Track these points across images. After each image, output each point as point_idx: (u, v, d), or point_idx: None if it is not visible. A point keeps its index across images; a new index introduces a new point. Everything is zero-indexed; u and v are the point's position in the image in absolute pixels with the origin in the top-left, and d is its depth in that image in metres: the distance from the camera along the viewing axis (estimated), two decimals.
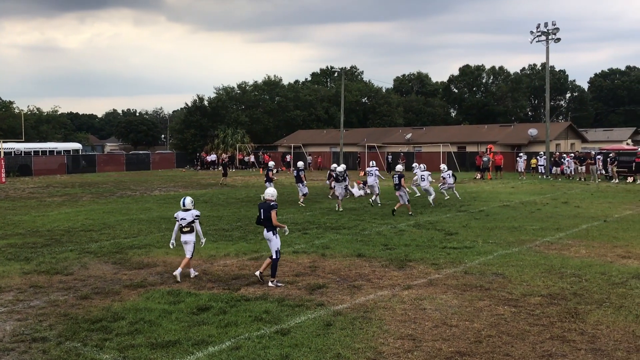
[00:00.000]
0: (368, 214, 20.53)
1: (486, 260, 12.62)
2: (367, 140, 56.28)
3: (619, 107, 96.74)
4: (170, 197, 27.94)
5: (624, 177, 35.59)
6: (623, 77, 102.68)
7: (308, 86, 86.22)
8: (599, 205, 22.67)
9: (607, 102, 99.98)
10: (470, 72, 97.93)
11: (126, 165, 56.82)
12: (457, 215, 20.09)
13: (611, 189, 30.16)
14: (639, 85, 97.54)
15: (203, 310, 9.16)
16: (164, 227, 18.16)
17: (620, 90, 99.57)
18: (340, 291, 10.30)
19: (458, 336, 7.97)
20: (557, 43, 41.35)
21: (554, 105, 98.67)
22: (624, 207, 21.99)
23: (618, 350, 7.38)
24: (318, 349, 7.49)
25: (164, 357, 7.29)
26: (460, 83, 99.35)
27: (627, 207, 21.97)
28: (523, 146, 50.05)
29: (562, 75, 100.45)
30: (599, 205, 22.67)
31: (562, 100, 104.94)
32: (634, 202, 23.62)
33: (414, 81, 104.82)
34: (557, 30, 40.77)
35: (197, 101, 67.46)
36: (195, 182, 38.62)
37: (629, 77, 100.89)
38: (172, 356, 7.30)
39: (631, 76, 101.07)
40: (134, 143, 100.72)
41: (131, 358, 7.27)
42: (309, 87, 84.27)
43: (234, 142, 60.99)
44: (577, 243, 14.67)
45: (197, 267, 12.36)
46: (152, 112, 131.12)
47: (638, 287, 10.34)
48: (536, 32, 41.40)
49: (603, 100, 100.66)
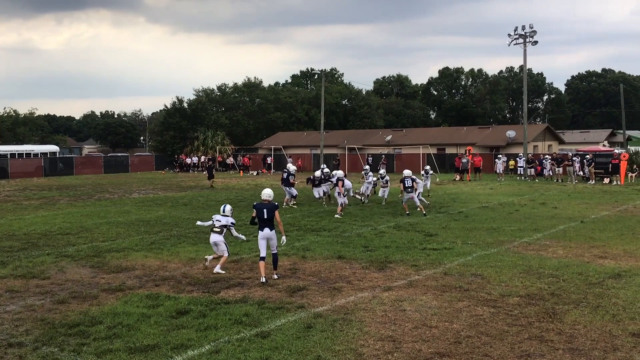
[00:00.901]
0: (348, 216, 20.55)
1: (465, 262, 12.71)
2: (347, 142, 56.37)
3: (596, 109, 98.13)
4: (149, 200, 27.72)
5: (600, 178, 36.10)
6: (599, 79, 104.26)
7: (288, 88, 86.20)
8: (576, 206, 22.96)
9: (583, 104, 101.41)
10: (450, 75, 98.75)
11: (104, 167, 56.21)
12: (437, 217, 20.20)
13: (588, 190, 30.57)
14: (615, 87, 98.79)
15: (182, 314, 9.09)
16: (142, 230, 18.01)
17: (597, 93, 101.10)
18: (320, 293, 10.30)
19: (437, 337, 8.01)
20: (535, 46, 41.82)
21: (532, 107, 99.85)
22: (600, 208, 22.30)
23: (595, 350, 7.47)
24: (298, 351, 7.47)
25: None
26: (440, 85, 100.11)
27: (604, 208, 22.28)
28: (501, 148, 50.52)
29: (539, 77, 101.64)
30: (576, 206, 22.96)
31: (539, 103, 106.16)
32: (610, 203, 23.96)
33: (393, 83, 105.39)
34: (534, 33, 41.22)
35: (177, 103, 67.08)
36: (174, 185, 38.36)
37: (605, 80, 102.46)
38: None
39: (607, 79, 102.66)
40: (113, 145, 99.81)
41: None
42: (289, 89, 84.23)
43: (214, 144, 60.70)
44: (555, 244, 14.84)
45: (176, 270, 12.27)
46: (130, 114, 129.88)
47: (615, 287, 10.48)
48: (514, 35, 41.81)
49: (580, 103, 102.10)
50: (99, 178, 47.70)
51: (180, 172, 56.23)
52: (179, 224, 19.14)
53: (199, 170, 56.03)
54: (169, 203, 26.18)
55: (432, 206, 23.40)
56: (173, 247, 14.84)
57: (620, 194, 27.79)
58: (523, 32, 41.38)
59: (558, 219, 19.27)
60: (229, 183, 39.45)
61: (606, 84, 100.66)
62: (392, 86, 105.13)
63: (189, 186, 36.96)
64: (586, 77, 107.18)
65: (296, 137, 65.77)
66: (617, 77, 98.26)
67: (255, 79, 79.03)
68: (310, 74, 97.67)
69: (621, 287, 10.41)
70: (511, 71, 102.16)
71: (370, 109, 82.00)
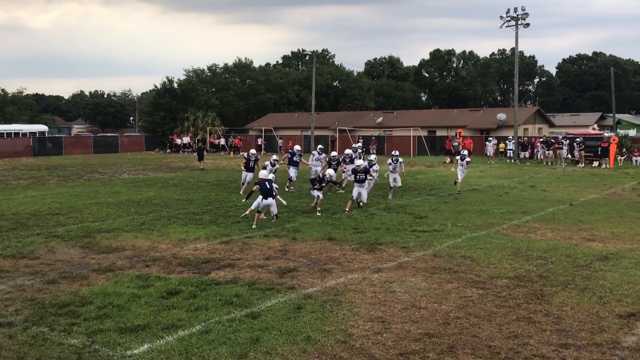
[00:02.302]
0: (339, 198, 20.57)
1: (455, 244, 12.79)
2: (338, 124, 56.26)
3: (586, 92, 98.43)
4: (139, 181, 27.62)
5: (589, 161, 36.32)
6: (590, 62, 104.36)
7: (279, 69, 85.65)
8: (565, 189, 23.11)
9: (574, 87, 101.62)
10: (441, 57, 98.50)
11: (94, 147, 55.87)
12: (427, 199, 20.28)
13: (577, 173, 30.76)
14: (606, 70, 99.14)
15: (173, 295, 9.11)
16: (132, 210, 17.96)
17: (587, 76, 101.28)
18: (310, 274, 10.34)
19: (427, 318, 8.08)
20: (527, 28, 41.79)
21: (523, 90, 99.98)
22: (589, 191, 22.46)
23: (582, 331, 7.56)
24: (288, 331, 7.52)
25: (133, 341, 7.24)
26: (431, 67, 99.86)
27: (593, 191, 22.44)
28: (492, 130, 50.61)
29: (531, 60, 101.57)
30: (565, 189, 23.11)
31: (530, 85, 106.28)
32: (599, 186, 24.13)
33: (385, 65, 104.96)
34: (526, 15, 41.14)
35: (167, 83, 66.53)
36: (165, 165, 38.22)
37: (596, 63, 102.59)
38: (142, 340, 7.26)
39: (598, 62, 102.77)
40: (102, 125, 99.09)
41: (100, 343, 7.20)
42: (280, 70, 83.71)
43: (204, 125, 60.42)
44: (544, 226, 14.95)
45: (166, 250, 12.27)
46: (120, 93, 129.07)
47: (602, 269, 10.59)
48: (506, 17, 41.71)
49: (570, 86, 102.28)
50: (88, 158, 47.42)
51: (171, 152, 56.00)
52: (169, 205, 19.10)
53: (190, 151, 55.85)
54: (159, 184, 26.09)
55: (422, 188, 23.47)
56: (163, 228, 14.82)
57: (609, 177, 27.99)
58: (515, 14, 41.28)
59: (547, 202, 19.40)
60: (220, 164, 39.35)
61: (597, 67, 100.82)
62: (383, 68, 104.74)
63: (179, 167, 36.83)
64: (577, 60, 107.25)
65: (287, 119, 65.56)
66: (608, 61, 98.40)
67: (246, 60, 78.57)
68: (301, 55, 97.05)
69: (608, 270, 10.53)
70: (503, 53, 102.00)
71: (361, 91, 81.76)
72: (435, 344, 7.18)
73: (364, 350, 6.98)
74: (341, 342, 7.23)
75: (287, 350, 6.94)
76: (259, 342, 7.16)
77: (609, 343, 7.14)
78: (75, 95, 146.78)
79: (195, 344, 7.12)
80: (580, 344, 7.14)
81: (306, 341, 7.22)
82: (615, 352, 6.86)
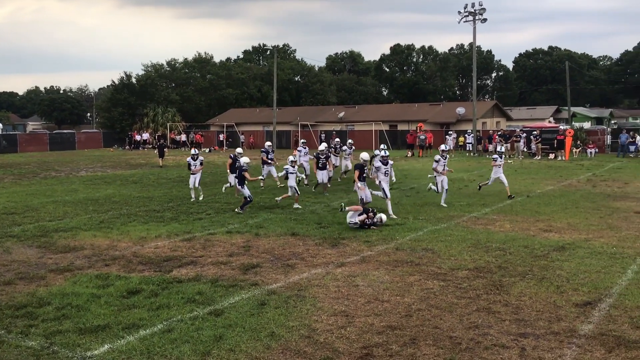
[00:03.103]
0: (301, 194, 20.55)
1: (416, 237, 12.93)
2: (300, 119, 56.23)
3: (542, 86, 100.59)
4: (97, 178, 27.10)
5: (546, 154, 37.16)
6: (546, 57, 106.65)
7: (240, 64, 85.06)
8: (522, 181, 23.60)
9: (530, 81, 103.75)
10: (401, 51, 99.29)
11: (50, 145, 54.56)
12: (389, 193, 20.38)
13: (534, 165, 31.43)
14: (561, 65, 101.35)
15: (133, 294, 8.97)
16: (91, 209, 17.63)
17: (543, 70, 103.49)
18: (274, 270, 10.32)
19: (389, 311, 8.16)
20: (484, 23, 42.49)
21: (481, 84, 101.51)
22: (545, 183, 22.99)
23: (540, 320, 7.74)
24: (252, 328, 7.49)
25: (93, 342, 7.11)
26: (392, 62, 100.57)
27: (549, 183, 22.97)
28: (452, 124, 51.31)
29: (488, 55, 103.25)
30: (522, 181, 23.60)
31: (488, 80, 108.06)
32: (555, 178, 24.71)
33: (346, 60, 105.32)
34: (483, 10, 41.79)
35: (125, 78, 65.44)
36: (124, 162, 37.58)
37: (552, 57, 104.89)
38: (102, 341, 7.14)
39: (553, 56, 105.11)
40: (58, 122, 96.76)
41: (58, 344, 7.05)
42: (241, 65, 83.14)
43: (164, 121, 59.62)
44: (502, 218, 15.24)
45: (126, 249, 12.08)
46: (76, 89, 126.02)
47: (559, 259, 10.86)
48: (464, 13, 42.30)
49: (527, 80, 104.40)
50: (44, 156, 46.28)
51: (130, 149, 55.09)
52: (129, 203, 18.80)
53: (150, 147, 55.08)
54: (118, 181, 25.66)
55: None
56: (123, 226, 14.58)
57: (564, 169, 28.69)
58: (473, 9, 41.90)
59: (505, 194, 19.76)
60: (181, 160, 38.89)
61: (552, 61, 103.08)
62: (344, 63, 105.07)
63: (138, 164, 36.27)
64: (533, 54, 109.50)
65: (249, 114, 65.20)
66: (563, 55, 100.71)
67: (206, 55, 77.80)
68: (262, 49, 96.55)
69: (565, 260, 10.79)
70: (461, 48, 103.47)
71: (322, 86, 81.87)
72: (398, 336, 7.25)
73: (327, 344, 7.01)
74: (305, 337, 7.24)
75: (251, 347, 6.92)
76: (223, 340, 7.11)
77: (566, 331, 7.32)
78: (30, 92, 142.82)
79: (157, 343, 7.03)
80: (539, 333, 7.31)
81: (270, 337, 7.21)
82: (572, 340, 7.04)
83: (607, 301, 8.40)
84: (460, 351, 6.77)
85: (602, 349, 6.77)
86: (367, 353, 6.76)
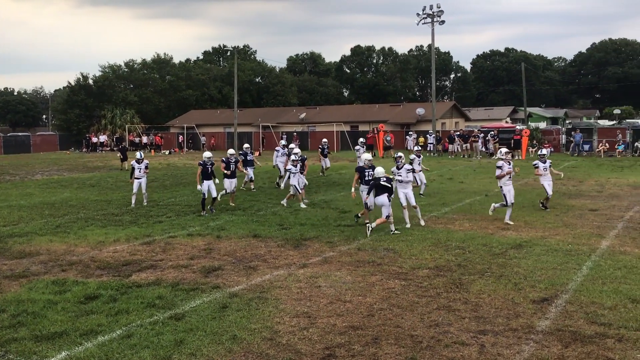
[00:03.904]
0: (263, 194, 20.50)
1: (378, 237, 13.02)
2: (261, 120, 56.02)
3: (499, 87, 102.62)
4: (53, 182, 26.48)
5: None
6: (502, 58, 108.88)
7: (200, 65, 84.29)
8: (481, 181, 24.01)
9: (488, 82, 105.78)
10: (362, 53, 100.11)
11: (4, 148, 53.01)
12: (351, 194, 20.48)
13: (492, 165, 31.96)
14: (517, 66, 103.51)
15: (91, 299, 8.80)
16: (47, 213, 17.21)
17: (500, 71, 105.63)
18: (236, 272, 10.26)
19: (351, 311, 8.19)
20: (443, 25, 43.08)
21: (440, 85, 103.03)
22: None
23: (499, 317, 7.88)
24: (214, 332, 7.43)
25: (50, 349, 6.95)
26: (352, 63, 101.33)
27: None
28: (412, 125, 51.86)
29: (446, 56, 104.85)
30: (481, 181, 24.01)
31: (447, 81, 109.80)
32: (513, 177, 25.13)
33: (307, 61, 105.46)
34: (441, 12, 42.33)
35: (81, 80, 64.13)
36: (81, 165, 36.81)
37: (508, 59, 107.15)
38: (59, 348, 6.97)
39: (510, 57, 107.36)
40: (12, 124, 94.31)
41: (14, 352, 6.86)
42: (201, 66, 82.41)
43: (122, 122, 58.64)
44: (461, 217, 15.47)
45: (83, 254, 11.83)
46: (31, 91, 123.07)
47: (516, 256, 11.08)
48: (422, 14, 42.78)
49: (484, 81, 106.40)
50: None
51: (87, 152, 53.99)
52: (87, 206, 18.43)
53: (108, 149, 54.13)
54: (75, 184, 25.12)
55: (345, 183, 23.73)
56: (80, 231, 14.28)
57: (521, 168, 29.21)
58: (431, 11, 42.41)
59: (464, 193, 20.09)
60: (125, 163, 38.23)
61: (509, 62, 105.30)
62: (305, 64, 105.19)
63: (96, 167, 35.58)
64: (490, 56, 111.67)
65: (209, 116, 64.64)
66: (519, 56, 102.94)
67: (166, 55, 76.84)
68: (222, 50, 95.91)
69: (522, 257, 11.02)
70: (420, 50, 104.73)
71: (283, 87, 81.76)
72: (360, 336, 7.29)
73: (290, 346, 7.00)
74: (267, 339, 7.21)
75: (212, 351, 6.86)
76: (184, 344, 7.03)
77: (524, 328, 7.47)
78: None
79: (116, 349, 6.91)
80: (497, 329, 7.44)
81: (232, 340, 7.16)
82: (530, 337, 7.19)
83: (563, 297, 8.61)
84: (422, 349, 6.84)
85: (559, 344, 6.93)
86: (330, 354, 6.77)
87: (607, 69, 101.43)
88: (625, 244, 12.01)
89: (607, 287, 9.03)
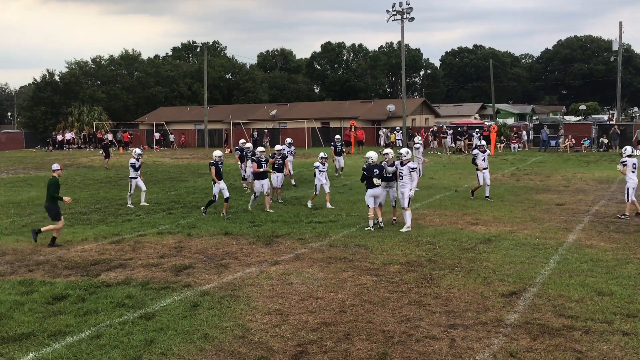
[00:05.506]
0: (235, 192, 20.37)
1: (350, 233, 13.06)
2: (232, 117, 55.69)
3: (468, 84, 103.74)
4: (19, 180, 25.96)
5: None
6: (471, 55, 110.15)
7: (169, 61, 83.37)
8: (450, 176, 24.24)
9: (457, 79, 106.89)
10: (332, 49, 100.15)
11: None
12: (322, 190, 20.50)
13: (461, 160, 32.33)
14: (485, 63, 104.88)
15: (59, 300, 8.65)
16: (12, 212, 16.88)
17: (469, 68, 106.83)
18: (207, 271, 10.19)
19: (323, 307, 8.20)
20: (412, 22, 43.31)
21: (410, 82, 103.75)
22: (472, 178, 23.61)
23: (469, 311, 7.97)
24: (185, 330, 7.37)
25: (17, 351, 6.81)
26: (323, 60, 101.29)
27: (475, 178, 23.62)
28: (383, 121, 52.09)
29: (416, 53, 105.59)
30: (450, 176, 24.24)
31: (417, 78, 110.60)
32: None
33: (277, 57, 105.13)
34: (410, 9, 42.62)
35: (47, 76, 62.88)
36: (47, 163, 36.09)
37: (477, 56, 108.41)
38: (26, 350, 6.84)
39: (478, 54, 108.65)
40: None
41: None
42: (171, 63, 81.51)
43: (90, 120, 57.72)
44: (432, 212, 15.61)
45: (51, 253, 11.62)
46: None
47: (485, 251, 11.22)
48: (392, 11, 43.01)
49: (453, 77, 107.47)
50: None
51: (53, 150, 53.00)
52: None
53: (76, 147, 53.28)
54: (41, 183, 24.63)
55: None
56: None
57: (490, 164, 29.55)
58: (400, 8, 42.65)
59: (434, 189, 20.26)
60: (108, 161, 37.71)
61: (477, 59, 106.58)
62: (276, 60, 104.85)
63: (63, 165, 34.93)
64: (459, 53, 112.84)
65: (179, 112, 64.04)
66: (487, 53, 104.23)
67: (134, 51, 75.77)
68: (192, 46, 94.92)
69: (491, 252, 11.17)
70: (390, 47, 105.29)
71: (254, 83, 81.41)
72: (332, 332, 7.30)
73: (262, 343, 6.98)
74: (239, 337, 7.18)
75: (183, 350, 6.80)
76: (154, 344, 6.96)
77: (493, 321, 7.57)
78: None
79: (85, 349, 6.80)
80: (467, 323, 7.53)
81: (203, 339, 7.11)
82: (500, 330, 7.29)
83: (532, 291, 8.75)
84: (393, 344, 6.89)
85: (528, 337, 7.04)
86: (302, 350, 6.77)
87: (573, 66, 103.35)
88: (591, 238, 12.26)
89: (574, 280, 9.20)
